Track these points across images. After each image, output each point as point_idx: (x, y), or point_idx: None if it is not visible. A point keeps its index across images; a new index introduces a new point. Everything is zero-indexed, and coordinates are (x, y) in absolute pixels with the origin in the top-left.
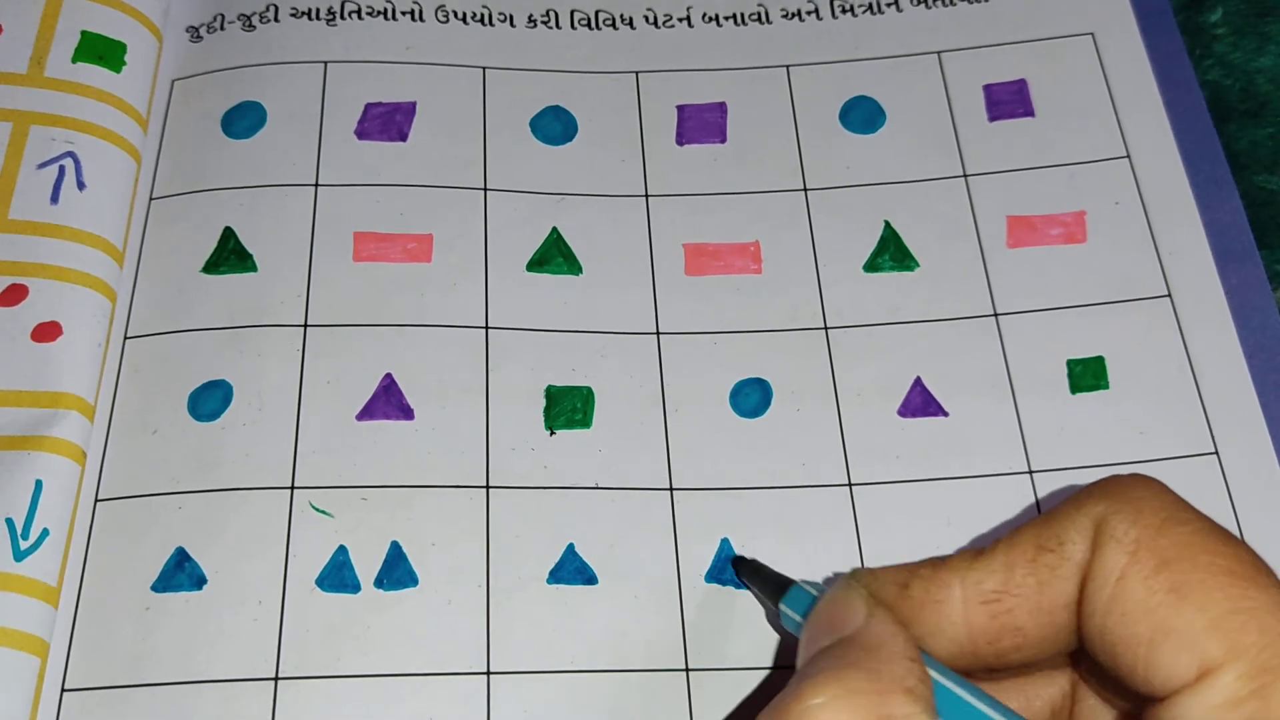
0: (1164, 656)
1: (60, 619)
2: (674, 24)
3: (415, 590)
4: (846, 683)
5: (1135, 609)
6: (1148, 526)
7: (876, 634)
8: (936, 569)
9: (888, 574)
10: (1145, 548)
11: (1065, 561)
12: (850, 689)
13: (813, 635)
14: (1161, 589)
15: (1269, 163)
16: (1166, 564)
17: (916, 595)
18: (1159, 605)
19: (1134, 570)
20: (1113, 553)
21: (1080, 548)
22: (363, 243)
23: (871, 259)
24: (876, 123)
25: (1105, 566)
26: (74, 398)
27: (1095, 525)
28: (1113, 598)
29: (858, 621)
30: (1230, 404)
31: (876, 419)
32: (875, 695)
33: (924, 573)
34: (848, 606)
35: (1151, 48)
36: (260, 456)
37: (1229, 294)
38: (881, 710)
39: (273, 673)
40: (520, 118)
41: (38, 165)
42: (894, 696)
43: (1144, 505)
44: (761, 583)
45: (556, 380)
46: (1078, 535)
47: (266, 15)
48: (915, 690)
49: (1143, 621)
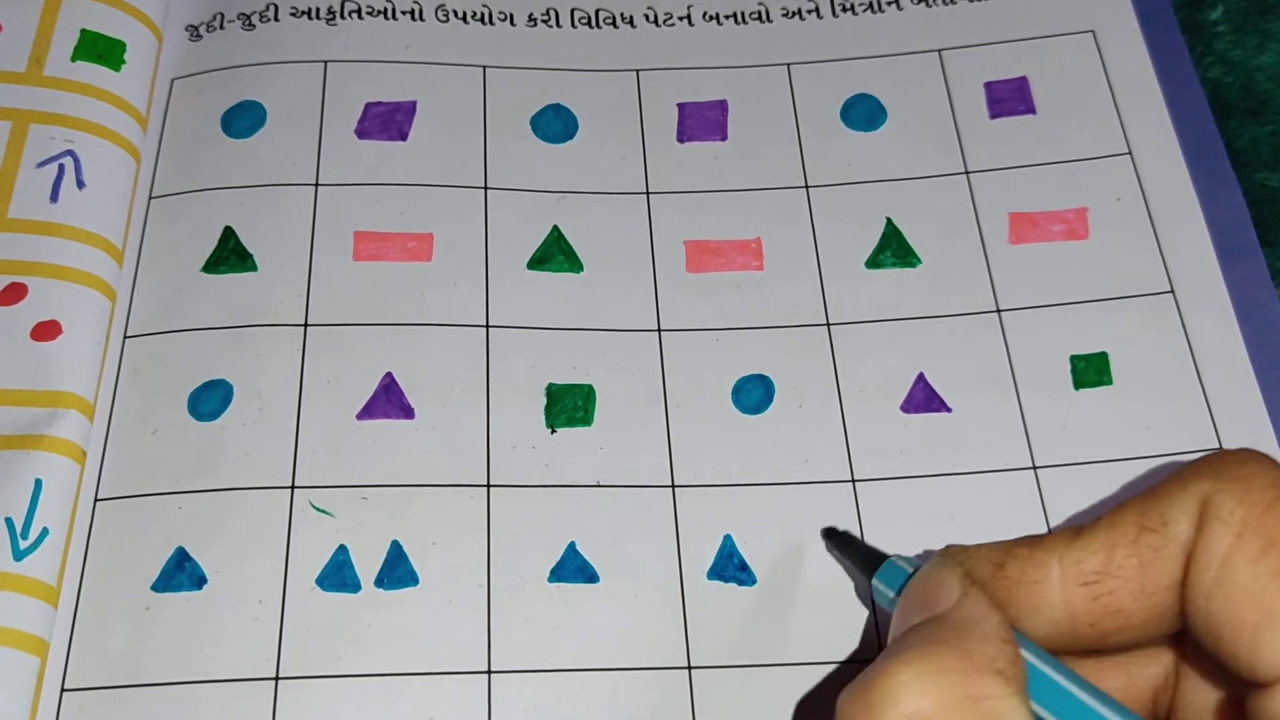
0: (1269, 643)
1: (60, 619)
2: (674, 22)
3: (416, 589)
4: (935, 660)
5: (1240, 593)
6: (1255, 505)
7: (969, 613)
8: (1034, 549)
9: (983, 552)
10: (1251, 528)
11: (1169, 542)
12: (939, 666)
13: (905, 611)
14: (1268, 572)
15: (1270, 160)
16: (1273, 545)
17: (1012, 575)
18: (1265, 589)
19: (1239, 552)
20: (1218, 533)
21: (1185, 527)
22: (363, 242)
23: (873, 256)
24: (877, 120)
25: (1210, 547)
26: (74, 397)
27: (1200, 503)
28: (1217, 580)
29: (951, 599)
30: (1233, 399)
31: (879, 415)
32: (964, 674)
33: (1021, 552)
34: (941, 584)
35: (1152, 45)
36: (260, 456)
37: (1231, 290)
38: (970, 689)
39: (273, 672)
40: (521, 116)
41: (37, 164)
42: (984, 677)
43: (1251, 483)
44: (854, 555)
45: (557, 378)
46: (1182, 514)
47: (266, 14)
48: (1006, 671)
49: (1248, 606)
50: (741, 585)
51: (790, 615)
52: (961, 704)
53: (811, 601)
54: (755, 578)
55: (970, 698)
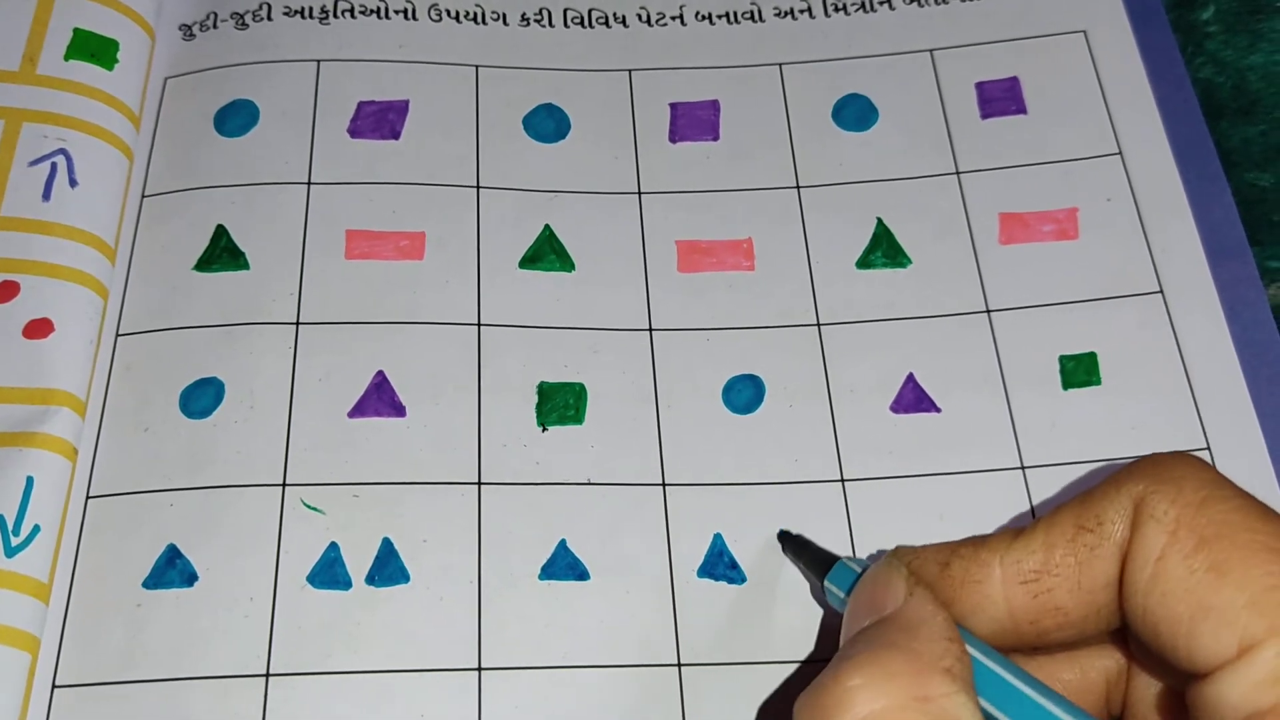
0: (1204, 635)
1: (51, 615)
2: (667, 22)
3: (407, 587)
4: (884, 664)
5: (1175, 588)
6: (1188, 505)
7: (916, 613)
8: (977, 548)
9: (929, 552)
10: (1185, 526)
11: (1105, 541)
12: (887, 670)
13: (854, 614)
14: (1201, 567)
15: (1260, 160)
16: (1206, 542)
17: (957, 574)
18: (1199, 584)
19: (1174, 549)
20: (1153, 532)
21: (1120, 527)
22: (355, 240)
23: (864, 256)
24: (869, 120)
25: (1145, 546)
26: (65, 394)
27: (1135, 504)
28: (1153, 577)
29: (897, 600)
30: (1222, 399)
31: (869, 415)
32: (912, 676)
33: (965, 552)
34: (888, 586)
35: (1143, 45)
36: (252, 453)
37: (1221, 290)
38: (919, 690)
39: (264, 669)
40: (513, 115)
41: (30, 162)
42: (931, 676)
43: (1184, 483)
44: (808, 558)
45: (549, 377)
46: (1117, 515)
47: (259, 13)
48: (953, 669)
49: (1183, 601)
50: (731, 583)
51: (779, 613)
52: (912, 705)
53: (800, 600)
54: (745, 576)
55: (919, 698)
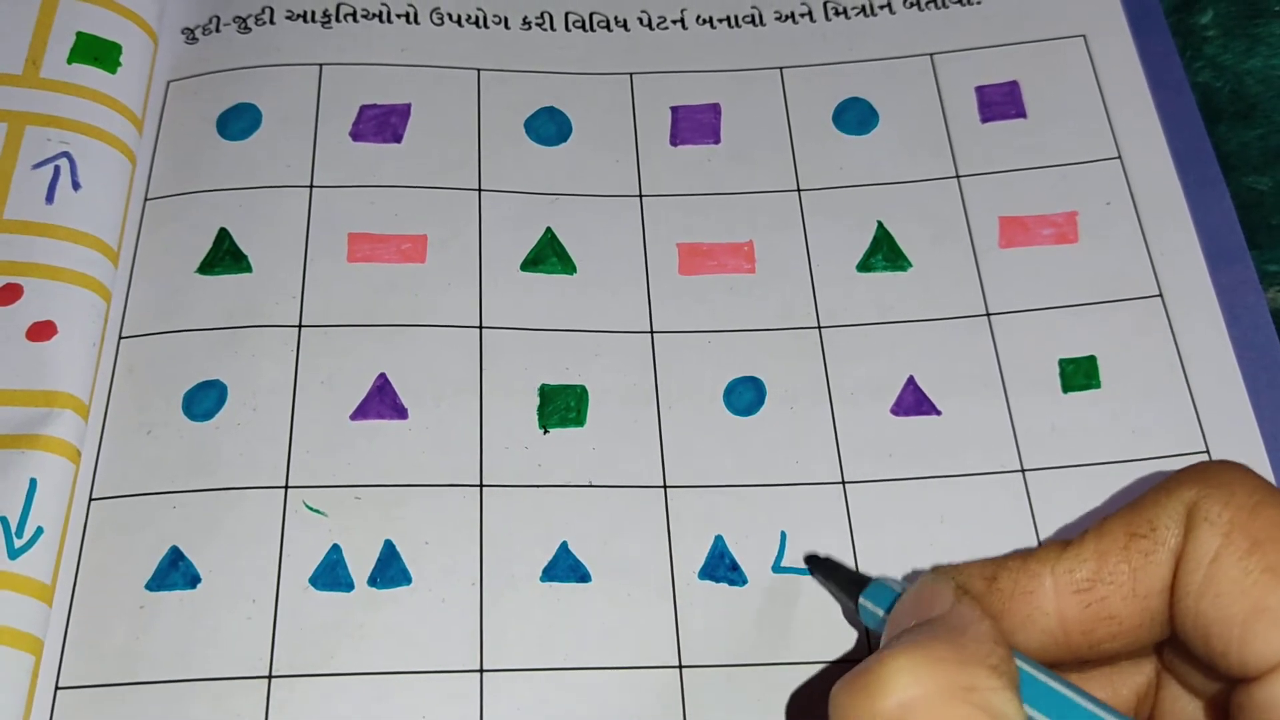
0: (1258, 635)
1: (54, 617)
2: (668, 26)
3: (408, 589)
4: (930, 650)
5: (1230, 589)
6: (1240, 508)
7: (964, 616)
8: (1025, 560)
9: (974, 568)
10: (1239, 529)
11: (1159, 547)
12: (933, 656)
13: (898, 619)
14: (1256, 569)
15: (1259, 164)
16: (1260, 544)
17: (1005, 588)
18: (1254, 585)
19: (1228, 551)
20: (1206, 535)
21: (1174, 532)
22: (357, 243)
23: (864, 259)
24: (869, 124)
25: (1199, 549)
26: (68, 396)
27: (1187, 509)
28: (1207, 579)
29: (945, 606)
30: (1221, 403)
31: (869, 418)
32: (958, 665)
33: (1012, 565)
34: (934, 594)
35: (1143, 49)
36: (254, 456)
37: (1220, 294)
38: (964, 680)
39: (266, 671)
40: (514, 119)
41: (33, 165)
42: (978, 669)
43: (1236, 488)
44: (839, 579)
45: (550, 379)
46: (1170, 520)
47: (262, 17)
48: (999, 668)
49: (1237, 602)
50: (732, 585)
51: (781, 615)
52: (955, 693)
53: (802, 601)
54: (746, 578)
55: (964, 687)
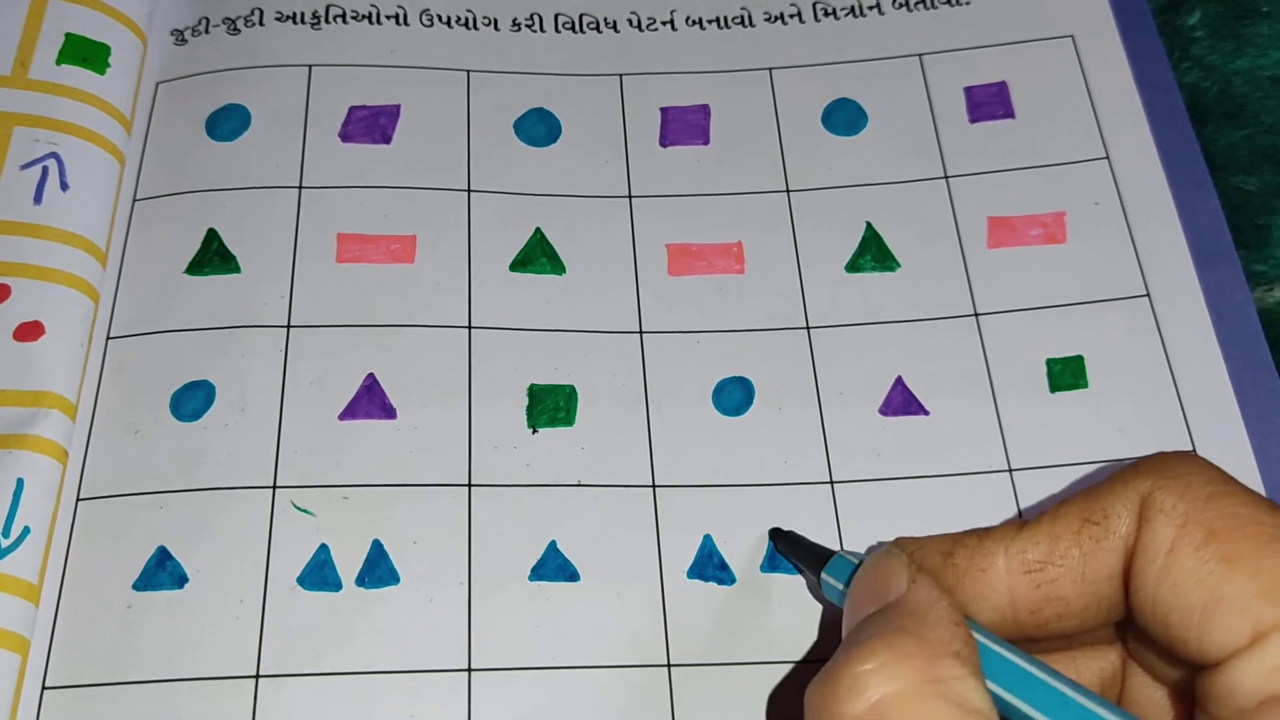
0: (1217, 623)
1: (41, 617)
2: (657, 27)
3: (397, 588)
4: (896, 648)
5: (1187, 579)
6: (1195, 499)
7: (921, 599)
8: (981, 538)
9: (931, 543)
10: (1194, 520)
11: (1110, 534)
12: (900, 654)
13: (856, 602)
14: (1213, 558)
15: (1246, 164)
16: (1215, 535)
17: (960, 564)
18: (1210, 574)
19: (1184, 542)
20: (1162, 525)
21: (1126, 521)
22: (346, 244)
23: (853, 260)
24: (858, 125)
25: (1155, 539)
26: (56, 397)
27: (1141, 500)
28: (1164, 569)
29: (901, 587)
30: (1208, 402)
31: (858, 417)
32: (924, 659)
33: (969, 542)
34: (889, 573)
35: (1131, 50)
36: (242, 456)
37: (1207, 293)
38: (931, 673)
39: (254, 671)
40: (504, 120)
41: (21, 166)
42: (942, 660)
43: (1191, 479)
44: (801, 554)
45: (539, 379)
46: (1123, 509)
47: (251, 19)
48: (962, 653)
49: (1195, 591)
50: (721, 584)
51: (769, 614)
52: (924, 688)
53: (790, 600)
54: (735, 577)
55: (932, 681)
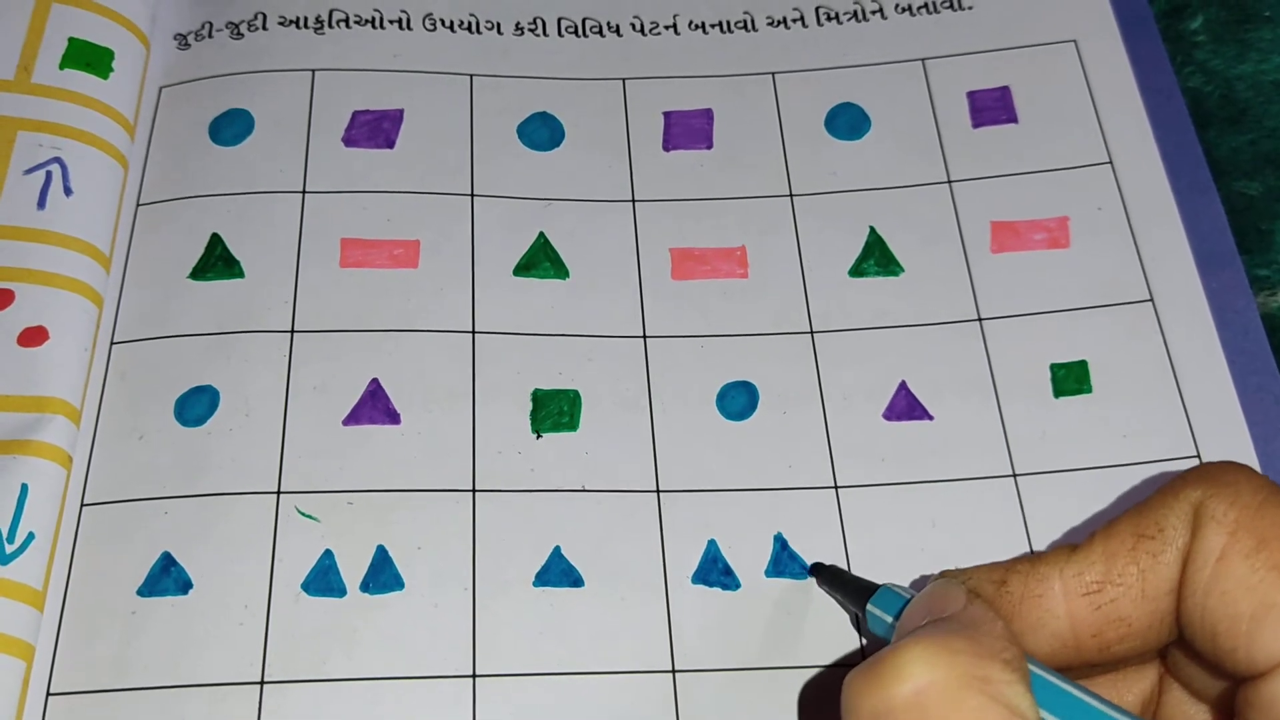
0: (1266, 631)
1: (46, 623)
2: (660, 31)
3: (401, 594)
4: (945, 641)
5: (1236, 587)
6: (1246, 507)
7: (977, 615)
8: (1034, 564)
9: (983, 572)
10: (1244, 528)
11: (1167, 547)
12: (950, 647)
13: (909, 621)
14: (1263, 567)
15: (1249, 169)
16: (1266, 543)
17: (1015, 591)
18: (1260, 583)
19: (1234, 549)
20: (1213, 534)
21: (1181, 532)
22: (349, 249)
23: (857, 264)
24: (861, 129)
25: (1205, 547)
26: (60, 402)
27: (1193, 509)
28: (1213, 577)
29: (957, 607)
30: (1212, 407)
31: (862, 422)
32: (973, 656)
33: (1021, 568)
34: (946, 596)
35: (1133, 55)
36: (246, 461)
37: (1210, 298)
38: (979, 670)
39: (259, 677)
40: (507, 124)
41: (24, 171)
42: (992, 662)
43: (1241, 487)
44: (844, 588)
45: (543, 384)
46: (1177, 520)
47: (254, 24)
48: (1013, 663)
49: (1244, 599)
50: (725, 589)
51: (773, 619)
52: (970, 682)
53: (794, 605)
54: (739, 582)
55: (979, 677)
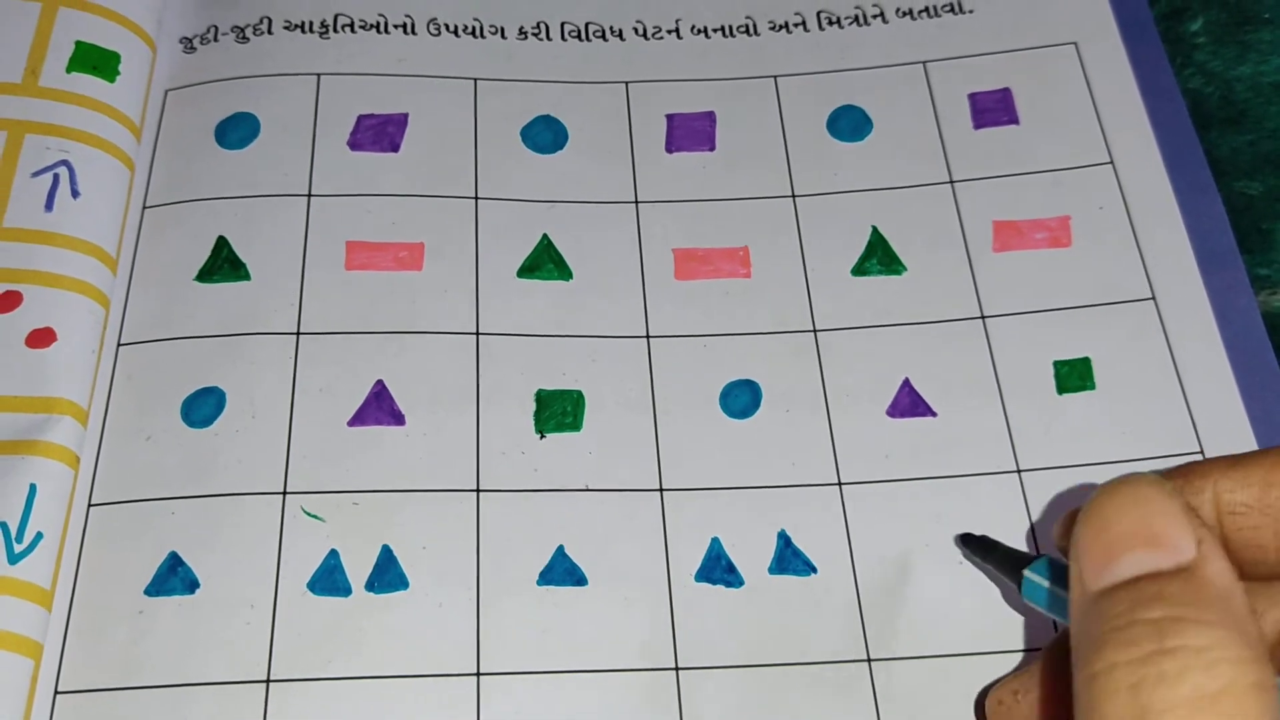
0: None
1: (54, 622)
2: (663, 35)
3: (406, 593)
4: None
5: None
6: None
7: (1223, 581)
8: (1191, 472)
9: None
10: None
11: None
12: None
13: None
14: None
15: (1249, 169)
16: None
17: None
18: None
19: None
20: None
21: None
22: (354, 252)
23: (859, 263)
24: (863, 131)
25: None
26: (68, 403)
27: None
28: None
29: (1189, 548)
30: (1214, 404)
31: (865, 420)
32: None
33: (1179, 475)
34: (1167, 518)
35: (1134, 56)
36: (253, 462)
37: (1212, 297)
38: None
39: (264, 675)
40: (511, 127)
41: (32, 173)
42: (1265, 665)
43: None
44: (998, 559)
45: (547, 384)
46: None
47: (260, 27)
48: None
49: None
50: (729, 587)
51: (777, 616)
52: (1249, 692)
53: (798, 602)
54: (743, 580)
55: (1257, 685)
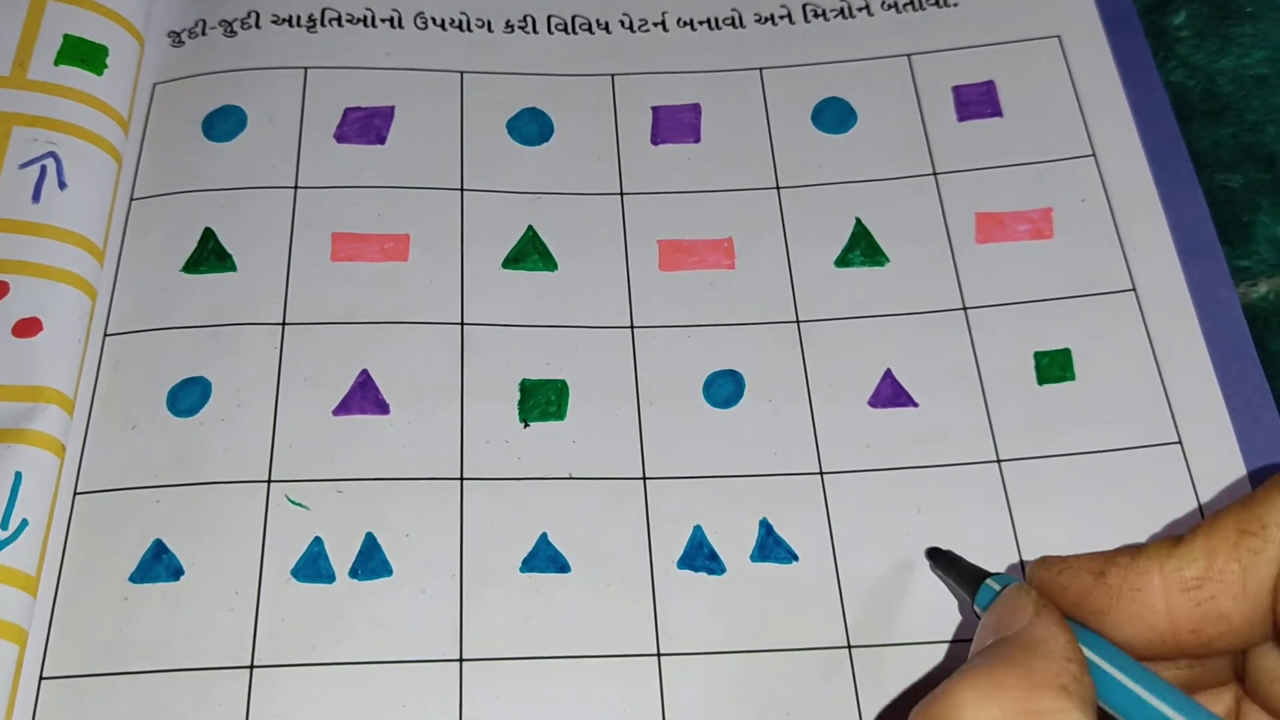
0: None
1: (39, 608)
2: (649, 28)
3: (389, 580)
4: (997, 677)
5: None
6: None
7: (1038, 633)
8: (1135, 556)
9: (1082, 562)
10: None
11: (1269, 544)
12: (1000, 683)
13: (982, 634)
14: None
15: (1230, 161)
16: None
17: (1114, 583)
18: None
19: None
20: None
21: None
22: (340, 243)
23: (843, 255)
24: (848, 123)
25: None
26: (54, 392)
27: None
28: None
29: (1024, 621)
30: (1193, 395)
31: (847, 410)
32: (1025, 690)
33: (1122, 560)
34: (1015, 607)
35: (1116, 50)
36: (238, 451)
37: (1192, 288)
38: (1030, 705)
39: (249, 661)
40: (497, 120)
41: (19, 165)
42: (1045, 692)
43: None
44: (957, 575)
45: (531, 374)
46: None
47: (248, 21)
48: (1069, 687)
49: None
50: (711, 574)
51: (758, 603)
52: (1021, 717)
53: (779, 589)
54: (724, 567)
55: (1030, 713)
